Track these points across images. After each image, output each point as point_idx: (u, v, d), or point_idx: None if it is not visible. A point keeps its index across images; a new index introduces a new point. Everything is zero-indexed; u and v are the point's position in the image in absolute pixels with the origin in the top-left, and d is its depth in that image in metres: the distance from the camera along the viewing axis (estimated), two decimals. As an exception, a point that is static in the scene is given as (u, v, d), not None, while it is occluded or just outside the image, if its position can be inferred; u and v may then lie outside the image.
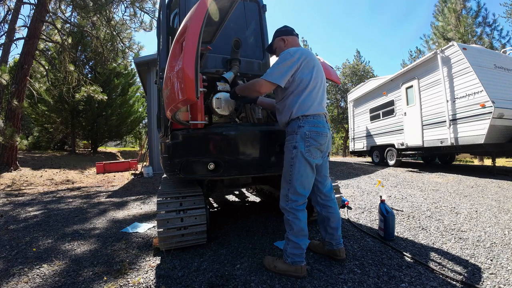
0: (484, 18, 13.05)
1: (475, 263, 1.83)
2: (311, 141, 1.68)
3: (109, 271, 1.85)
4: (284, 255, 1.74)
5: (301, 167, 1.69)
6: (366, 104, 9.41)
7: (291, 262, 1.68)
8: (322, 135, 1.72)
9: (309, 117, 1.71)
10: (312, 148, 1.68)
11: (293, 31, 1.96)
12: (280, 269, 1.72)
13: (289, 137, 1.77)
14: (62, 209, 3.97)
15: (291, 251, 1.70)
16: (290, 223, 1.71)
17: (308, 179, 1.72)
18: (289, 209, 1.72)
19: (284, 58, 1.70)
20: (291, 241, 1.70)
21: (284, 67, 1.68)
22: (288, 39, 1.92)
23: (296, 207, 1.71)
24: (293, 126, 1.74)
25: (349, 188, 4.62)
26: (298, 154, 1.68)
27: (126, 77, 16.18)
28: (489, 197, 3.73)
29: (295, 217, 1.70)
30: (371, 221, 2.80)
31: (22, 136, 7.76)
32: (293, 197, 1.71)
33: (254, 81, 1.76)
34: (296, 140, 1.69)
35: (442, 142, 6.08)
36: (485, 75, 5.34)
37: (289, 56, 1.69)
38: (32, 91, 9.50)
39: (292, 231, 1.70)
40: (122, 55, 10.79)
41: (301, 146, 1.67)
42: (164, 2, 2.64)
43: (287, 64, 1.68)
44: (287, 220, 1.74)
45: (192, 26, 1.40)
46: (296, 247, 1.69)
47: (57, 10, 9.29)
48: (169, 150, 1.86)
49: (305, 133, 1.68)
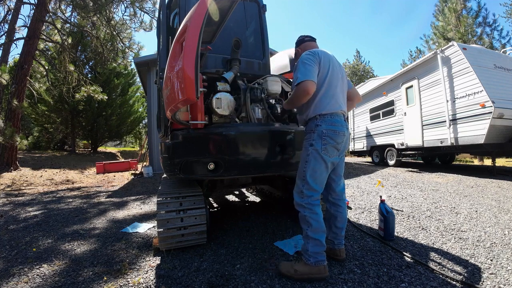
0: (484, 18, 13.06)
1: (475, 263, 1.83)
2: (328, 140, 1.69)
3: (109, 271, 1.85)
4: (305, 256, 1.67)
5: (316, 165, 1.69)
6: (366, 104, 9.41)
7: (314, 263, 1.62)
8: (340, 134, 1.72)
9: (326, 116, 1.73)
10: (329, 147, 1.69)
11: (304, 38, 2.03)
12: (303, 273, 1.63)
13: (307, 135, 1.81)
14: (62, 209, 3.97)
15: (313, 250, 1.63)
16: (308, 219, 1.67)
17: (322, 177, 1.72)
18: (305, 204, 1.69)
19: (307, 58, 1.73)
20: (311, 238, 1.65)
21: (312, 66, 1.71)
22: (301, 48, 2.01)
23: (312, 202, 1.69)
24: (311, 124, 1.78)
25: (349, 188, 4.62)
26: (314, 151, 1.69)
27: (126, 77, 16.17)
28: (489, 197, 3.73)
29: (312, 211, 1.68)
30: (371, 221, 2.80)
31: (22, 136, 7.76)
32: (308, 193, 1.70)
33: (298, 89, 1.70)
34: (313, 138, 1.72)
35: (442, 142, 6.08)
36: (485, 75, 5.34)
37: (311, 56, 1.74)
38: (32, 91, 9.50)
39: (310, 227, 1.66)
40: (122, 55, 10.79)
41: (318, 144, 1.69)
42: (164, 2, 2.64)
43: (312, 63, 1.71)
44: (303, 217, 1.70)
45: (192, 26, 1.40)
46: (318, 244, 1.64)
47: (57, 10, 9.29)
48: (169, 150, 1.86)
49: (322, 132, 1.69)
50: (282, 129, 2.13)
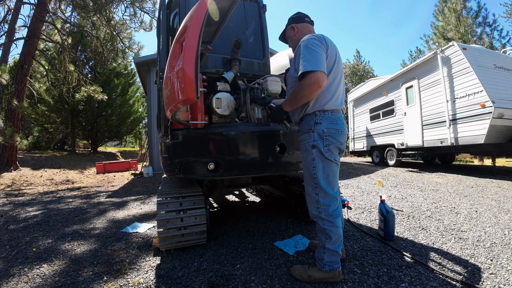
0: (484, 18, 13.07)
1: (475, 263, 1.83)
2: (330, 139, 1.51)
3: (109, 271, 1.85)
4: (320, 264, 1.59)
5: (326, 167, 1.52)
6: (366, 104, 9.41)
7: (329, 270, 1.56)
8: (343, 133, 1.56)
9: (326, 113, 1.54)
10: (332, 147, 1.53)
11: (304, 17, 1.77)
12: (317, 278, 1.58)
13: (305, 135, 1.59)
14: (62, 209, 3.97)
15: (328, 259, 1.56)
16: (327, 232, 1.53)
17: (335, 178, 1.57)
18: (324, 216, 1.53)
19: (314, 44, 1.49)
20: (328, 249, 1.55)
21: (321, 53, 1.47)
22: (299, 27, 1.75)
23: (331, 213, 1.53)
24: (309, 122, 1.57)
25: (349, 188, 4.62)
26: (319, 153, 1.52)
27: (126, 77, 16.18)
28: (489, 197, 3.73)
29: (332, 225, 1.53)
30: (371, 221, 2.80)
31: (22, 136, 7.76)
32: (325, 201, 1.53)
33: (307, 81, 1.41)
34: (314, 139, 1.52)
35: (442, 142, 6.08)
36: (485, 75, 5.34)
37: (318, 42, 1.50)
38: (32, 91, 9.50)
39: (330, 240, 1.53)
40: (122, 55, 10.78)
41: (320, 145, 1.51)
42: (164, 2, 2.64)
43: (321, 51, 1.48)
44: (322, 229, 1.55)
45: (192, 26, 1.40)
46: (334, 254, 1.56)
47: (57, 10, 9.29)
48: (169, 150, 1.86)
49: (323, 131, 1.51)
50: (282, 129, 2.13)
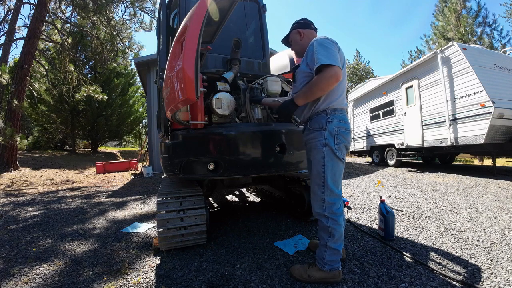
0: (484, 18, 13.07)
1: (475, 263, 1.83)
2: (340, 138, 1.57)
3: (109, 271, 1.85)
4: (320, 263, 1.61)
5: (334, 166, 1.57)
6: (366, 104, 9.41)
7: (329, 269, 1.59)
8: (350, 132, 1.64)
9: (337, 111, 1.60)
10: (342, 146, 1.59)
11: (311, 24, 1.85)
12: (317, 278, 1.60)
13: (315, 133, 1.61)
14: (62, 209, 3.97)
15: (329, 258, 1.59)
16: (331, 230, 1.56)
17: (340, 177, 1.62)
18: (328, 214, 1.57)
19: (328, 43, 1.53)
20: (330, 248, 1.58)
21: (336, 52, 1.51)
22: (305, 32, 1.81)
23: (335, 211, 1.57)
24: (320, 121, 1.60)
25: (349, 188, 4.62)
26: (330, 152, 1.55)
27: (126, 77, 16.18)
28: (489, 197, 3.73)
29: (336, 223, 1.57)
30: (371, 221, 2.80)
31: (22, 136, 7.76)
32: (330, 200, 1.57)
33: (326, 73, 1.45)
34: (326, 137, 1.56)
35: (442, 142, 6.08)
36: (485, 75, 5.34)
37: (332, 42, 1.55)
38: (32, 91, 9.50)
39: (332, 238, 1.57)
40: (122, 55, 10.78)
41: (332, 144, 1.55)
42: (164, 2, 2.64)
43: (335, 50, 1.52)
44: (326, 227, 1.58)
45: (192, 26, 1.40)
46: (335, 253, 1.59)
47: (57, 10, 9.29)
48: (169, 150, 1.86)
49: (334, 130, 1.56)
50: (282, 129, 2.13)
